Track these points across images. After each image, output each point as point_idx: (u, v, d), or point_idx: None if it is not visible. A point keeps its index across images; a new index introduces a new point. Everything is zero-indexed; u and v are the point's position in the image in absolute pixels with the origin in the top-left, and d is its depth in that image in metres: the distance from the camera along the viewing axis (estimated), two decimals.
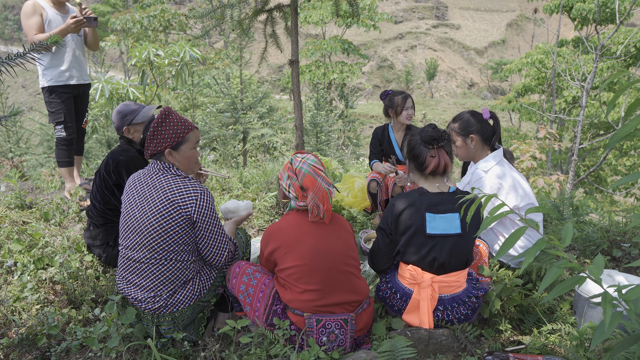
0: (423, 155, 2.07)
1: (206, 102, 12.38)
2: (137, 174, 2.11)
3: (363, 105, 34.49)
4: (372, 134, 3.67)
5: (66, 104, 3.56)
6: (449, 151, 2.11)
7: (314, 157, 2.02)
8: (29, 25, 3.30)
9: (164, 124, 2.00)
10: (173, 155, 2.05)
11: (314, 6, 15.62)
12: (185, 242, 1.98)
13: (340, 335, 1.89)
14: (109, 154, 2.66)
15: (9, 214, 3.28)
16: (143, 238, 1.95)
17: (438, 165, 2.06)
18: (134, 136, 2.72)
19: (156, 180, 2.00)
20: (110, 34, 15.24)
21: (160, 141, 2.01)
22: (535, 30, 43.77)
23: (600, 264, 1.12)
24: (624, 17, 6.20)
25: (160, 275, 1.97)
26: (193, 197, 1.95)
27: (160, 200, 1.94)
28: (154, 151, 2.03)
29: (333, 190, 1.98)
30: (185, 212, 1.93)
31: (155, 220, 1.93)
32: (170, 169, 2.03)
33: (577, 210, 3.47)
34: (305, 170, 1.93)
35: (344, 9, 4.01)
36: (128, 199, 2.05)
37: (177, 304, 2.00)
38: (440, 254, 2.00)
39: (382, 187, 3.43)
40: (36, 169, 8.10)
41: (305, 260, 1.88)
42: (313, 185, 1.91)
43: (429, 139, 2.06)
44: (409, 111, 3.42)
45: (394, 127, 3.54)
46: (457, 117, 2.65)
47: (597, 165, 6.32)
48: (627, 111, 1.16)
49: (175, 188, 1.96)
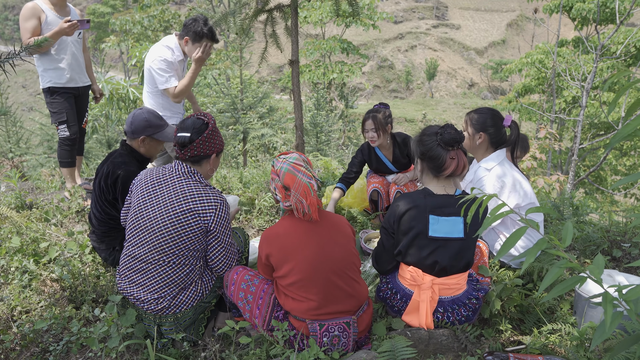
0: (442, 157, 1.98)
1: (206, 102, 12.38)
2: (152, 173, 2.08)
3: (363, 106, 34.42)
4: (356, 151, 3.40)
5: (68, 103, 3.56)
6: (465, 152, 2.06)
7: (298, 155, 1.97)
8: (25, 28, 3.30)
9: (217, 131, 2.07)
10: (213, 161, 2.09)
11: (313, 6, 15.62)
12: (196, 248, 1.98)
13: (343, 338, 1.89)
14: (110, 164, 2.49)
15: (10, 214, 3.28)
16: (154, 239, 1.94)
17: (457, 167, 1.99)
18: (144, 148, 2.58)
19: (177, 184, 2.00)
20: (110, 34, 15.24)
21: (211, 145, 2.05)
22: (535, 30, 43.80)
23: (600, 264, 1.12)
24: (624, 17, 6.19)
25: (166, 277, 1.96)
26: (213, 206, 1.96)
27: (180, 205, 1.94)
28: (202, 153, 2.03)
29: (314, 184, 1.91)
30: (203, 221, 1.94)
31: (172, 224, 1.92)
32: (194, 175, 2.03)
33: (577, 210, 3.47)
34: (285, 169, 1.90)
35: (344, 9, 4.01)
36: (142, 196, 2.02)
37: (180, 305, 2.00)
38: (442, 258, 1.98)
39: (383, 195, 3.36)
40: (36, 169, 8.09)
41: (305, 273, 1.85)
42: (293, 182, 1.87)
43: (452, 141, 1.96)
44: (369, 134, 3.14)
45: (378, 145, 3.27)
46: (480, 109, 2.60)
47: (597, 165, 6.31)
48: (627, 111, 1.16)
49: (197, 195, 1.97)
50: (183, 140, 2.01)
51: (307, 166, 1.94)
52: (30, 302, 2.38)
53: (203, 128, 2.03)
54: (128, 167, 2.47)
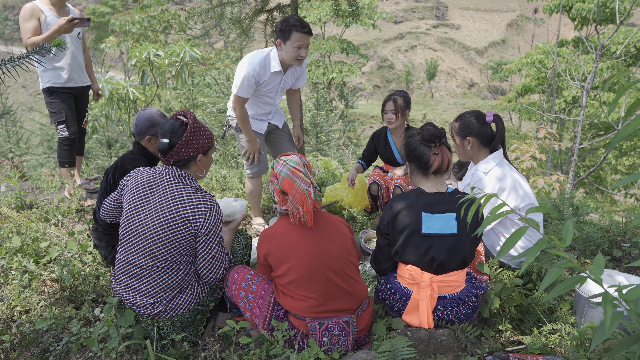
0: (426, 155, 2.06)
1: (206, 102, 12.38)
2: (143, 175, 2.02)
3: (363, 105, 34.49)
4: (370, 136, 3.63)
5: (67, 103, 3.57)
6: (449, 147, 2.10)
7: (298, 158, 1.96)
8: (25, 29, 3.32)
9: (198, 129, 1.96)
10: (201, 161, 2.02)
11: (313, 6, 15.63)
12: (188, 252, 1.95)
13: (342, 337, 1.89)
14: (120, 159, 2.59)
15: (10, 214, 3.28)
16: (146, 245, 1.90)
17: (442, 163, 2.05)
18: (152, 147, 2.63)
19: (167, 188, 1.94)
20: (110, 34, 15.24)
21: (194, 147, 1.96)
22: (535, 30, 43.77)
23: (600, 264, 1.12)
24: (624, 17, 6.19)
25: (161, 283, 1.94)
26: (203, 211, 1.90)
27: (170, 211, 1.89)
28: (186, 156, 1.96)
29: (312, 191, 1.91)
30: (193, 227, 1.89)
31: (162, 230, 1.88)
32: (185, 178, 1.97)
33: (577, 210, 3.47)
34: (284, 173, 1.89)
35: (344, 9, 4.02)
36: (133, 200, 1.98)
37: (177, 308, 1.98)
38: (438, 254, 2.00)
39: (383, 189, 3.41)
40: (36, 169, 8.10)
41: (304, 271, 1.86)
42: (291, 188, 1.87)
43: (431, 136, 2.05)
44: (388, 115, 3.32)
45: (393, 129, 3.47)
46: (460, 116, 2.65)
47: (597, 166, 6.31)
48: (627, 111, 1.16)
49: (187, 200, 1.91)
50: (163, 146, 1.94)
51: (307, 172, 1.94)
52: (30, 302, 2.38)
53: (182, 130, 1.94)
54: (137, 163, 2.55)
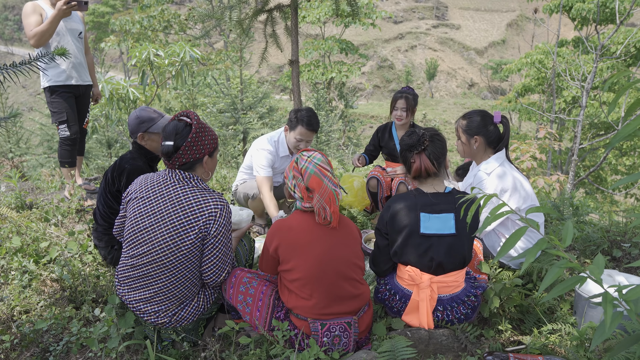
0: (408, 160, 2.14)
1: (206, 102, 12.39)
2: (146, 180, 1.97)
3: (363, 105, 34.48)
4: (375, 129, 3.70)
5: (68, 103, 3.56)
6: (430, 155, 2.08)
7: (321, 155, 1.94)
8: (28, 23, 3.35)
9: (204, 130, 1.91)
10: (207, 163, 1.98)
11: (312, 5, 15.63)
12: (195, 258, 1.90)
13: (344, 338, 1.89)
14: (119, 159, 2.60)
15: (10, 214, 3.28)
16: (153, 252, 1.85)
17: (420, 169, 2.09)
18: (147, 144, 2.62)
19: (173, 193, 1.88)
20: (110, 34, 15.24)
21: (200, 148, 1.90)
22: (535, 30, 43.79)
23: (600, 264, 1.12)
24: (624, 17, 6.19)
25: (167, 292, 1.90)
26: (213, 212, 1.85)
27: (178, 217, 1.83)
28: (192, 159, 1.90)
29: (340, 192, 1.90)
30: (201, 230, 1.84)
31: (170, 237, 1.83)
32: (191, 180, 1.91)
33: (577, 210, 3.46)
34: (311, 170, 1.87)
35: (343, 9, 4.02)
36: (137, 207, 1.92)
37: (181, 320, 1.96)
38: (437, 254, 2.01)
39: (383, 184, 3.42)
40: (36, 169, 8.10)
41: (312, 271, 1.85)
42: (319, 187, 1.85)
43: (406, 146, 2.14)
44: (398, 112, 3.36)
45: (398, 125, 3.51)
46: (467, 114, 2.64)
47: (597, 165, 6.31)
48: (627, 111, 1.16)
49: (195, 203, 1.85)
50: (167, 149, 1.86)
51: (332, 171, 1.93)
52: (30, 302, 2.38)
53: (187, 131, 1.88)
54: (135, 162, 2.57)
